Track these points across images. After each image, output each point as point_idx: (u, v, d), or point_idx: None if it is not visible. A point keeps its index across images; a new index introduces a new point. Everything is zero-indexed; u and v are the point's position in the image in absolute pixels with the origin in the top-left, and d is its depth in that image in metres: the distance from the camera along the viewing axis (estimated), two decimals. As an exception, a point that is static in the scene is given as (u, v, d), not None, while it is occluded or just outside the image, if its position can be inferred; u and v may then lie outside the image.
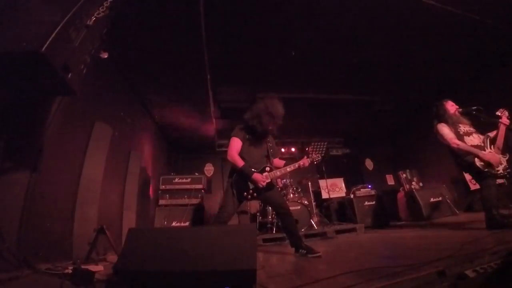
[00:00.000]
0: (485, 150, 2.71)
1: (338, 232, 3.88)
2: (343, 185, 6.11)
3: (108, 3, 1.68)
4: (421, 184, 5.06)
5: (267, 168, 2.59)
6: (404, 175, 5.34)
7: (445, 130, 2.87)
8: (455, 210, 4.51)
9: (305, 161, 2.72)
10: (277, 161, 2.83)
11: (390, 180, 6.69)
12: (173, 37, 3.31)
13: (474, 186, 4.63)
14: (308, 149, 2.75)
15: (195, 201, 4.43)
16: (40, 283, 1.63)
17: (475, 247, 1.68)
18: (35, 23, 1.40)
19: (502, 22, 3.64)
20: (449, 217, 4.31)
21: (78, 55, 1.62)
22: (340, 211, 5.37)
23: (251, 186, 2.49)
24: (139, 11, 2.82)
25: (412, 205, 4.53)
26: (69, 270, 1.81)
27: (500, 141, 2.75)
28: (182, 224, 4.07)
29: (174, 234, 1.59)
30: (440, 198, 4.54)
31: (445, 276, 1.25)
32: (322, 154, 2.80)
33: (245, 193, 2.48)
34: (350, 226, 4.10)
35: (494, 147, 2.76)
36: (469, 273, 1.17)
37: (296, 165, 2.70)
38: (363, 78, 4.84)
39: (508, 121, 2.75)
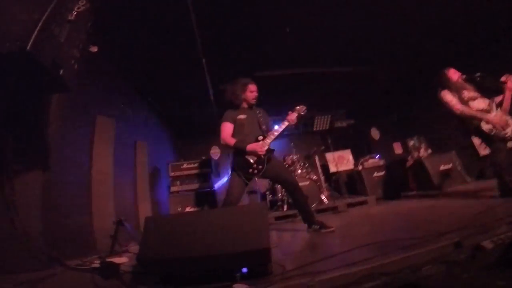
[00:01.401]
0: (491, 113, 2.69)
1: (350, 205, 3.91)
2: (351, 157, 6.07)
3: None
4: (429, 151, 4.96)
5: (260, 137, 2.55)
6: (412, 142, 5.23)
7: (448, 96, 2.85)
8: (467, 177, 4.36)
9: (291, 116, 2.63)
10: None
11: (398, 149, 6.60)
12: (164, 23, 3.18)
13: (483, 151, 4.46)
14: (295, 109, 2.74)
15: (204, 185, 4.50)
16: (74, 279, 1.70)
17: (489, 217, 1.67)
18: (14, 23, 1.37)
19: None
20: (462, 185, 4.15)
21: (66, 51, 1.61)
22: (350, 184, 5.38)
23: (252, 160, 2.46)
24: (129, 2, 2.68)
25: (421, 174, 4.39)
26: (97, 264, 1.88)
27: (507, 103, 2.71)
28: (196, 209, 4.17)
29: (188, 220, 1.62)
30: (451, 165, 4.33)
31: (462, 247, 1.25)
32: (304, 109, 2.75)
33: (250, 170, 2.44)
34: (361, 199, 4.11)
35: (501, 109, 2.72)
36: (486, 244, 1.17)
37: (286, 123, 2.62)
38: (363, 49, 4.64)
39: None
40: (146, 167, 4.42)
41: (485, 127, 2.66)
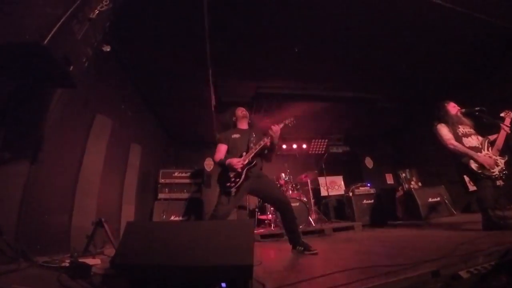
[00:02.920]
0: (481, 152, 2.74)
1: (336, 229, 3.91)
2: (342, 183, 6.13)
3: None
4: (420, 184, 5.06)
5: (244, 153, 2.63)
6: (404, 175, 5.35)
7: (443, 130, 2.90)
8: (453, 210, 4.52)
9: (275, 128, 2.63)
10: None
11: (390, 179, 6.69)
12: (174, 31, 3.27)
13: (472, 187, 4.54)
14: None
15: (194, 195, 4.45)
16: (37, 276, 1.62)
17: (470, 247, 1.70)
18: (37, 15, 1.38)
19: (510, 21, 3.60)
20: (447, 217, 4.31)
21: (80, 48, 1.61)
22: (339, 209, 5.39)
23: (231, 175, 2.53)
24: (141, 4, 2.78)
25: (410, 205, 4.52)
26: (66, 263, 1.81)
27: (500, 142, 2.76)
28: (181, 218, 4.09)
29: (172, 228, 1.59)
30: (439, 199, 4.53)
31: (439, 276, 1.27)
32: (292, 120, 2.86)
33: (228, 183, 2.51)
34: (347, 224, 4.13)
35: (492, 148, 2.78)
36: (463, 273, 1.18)
37: (265, 139, 2.64)
38: (365, 76, 4.81)
39: (509, 126, 2.77)
40: (137, 170, 4.37)
41: (473, 165, 2.71)
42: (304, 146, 7.66)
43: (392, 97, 5.61)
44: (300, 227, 3.89)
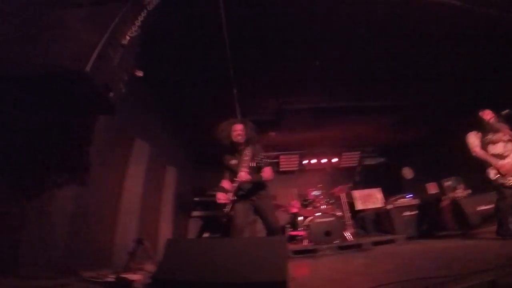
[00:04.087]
0: (504, 159, 2.76)
1: (375, 243, 3.64)
2: (380, 195, 5.78)
3: (139, 22, 1.76)
4: (469, 191, 4.57)
5: (234, 184, 2.61)
6: (448, 183, 4.90)
7: (470, 138, 3.04)
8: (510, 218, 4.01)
9: (242, 175, 2.55)
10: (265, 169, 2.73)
11: (433, 189, 6.13)
12: (199, 55, 3.50)
13: None
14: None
15: (225, 212, 4.49)
16: None
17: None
18: (75, 42, 1.43)
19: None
20: None
21: (118, 74, 1.67)
22: (378, 222, 5.06)
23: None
24: (168, 31, 3.00)
25: (457, 214, 4.09)
26: (110, 278, 1.91)
27: None
28: (214, 235, 4.14)
29: (209, 245, 1.65)
30: (491, 206, 4.07)
31: (497, 287, 1.14)
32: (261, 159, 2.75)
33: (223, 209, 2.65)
34: (388, 237, 3.84)
35: None
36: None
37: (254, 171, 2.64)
38: (396, 83, 4.63)
39: None
40: (172, 190, 4.59)
41: (491, 172, 2.78)
42: (335, 159, 7.44)
43: (427, 103, 5.29)
44: (335, 242, 3.72)
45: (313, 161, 7.39)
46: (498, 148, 2.85)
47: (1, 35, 1.53)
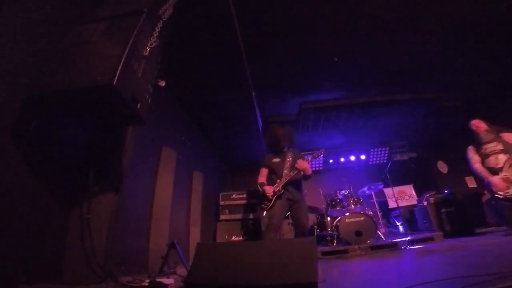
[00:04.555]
0: (498, 174, 2.73)
1: (411, 242, 3.45)
2: (413, 192, 5.48)
3: (157, 32, 1.82)
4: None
5: (278, 181, 2.89)
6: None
7: (469, 154, 3.04)
8: None
9: (301, 163, 2.86)
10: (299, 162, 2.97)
11: (472, 183, 5.66)
12: (216, 61, 3.57)
13: None
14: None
15: (252, 215, 4.53)
16: None
17: None
18: (102, 57, 1.49)
19: None
20: None
21: (142, 85, 1.73)
22: (413, 220, 4.80)
23: (265, 199, 2.87)
24: (185, 40, 3.11)
25: (500, 209, 3.72)
26: (146, 282, 1.97)
27: None
28: (241, 238, 4.18)
29: (238, 248, 1.67)
30: None
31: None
32: (321, 153, 3.10)
33: (262, 205, 2.88)
34: (425, 235, 3.61)
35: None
36: None
37: (293, 173, 2.87)
38: (421, 74, 4.39)
39: None
40: (200, 195, 4.72)
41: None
42: (363, 157, 7.19)
43: (456, 93, 4.95)
44: (368, 242, 3.58)
45: (341, 159, 7.21)
46: (491, 161, 2.85)
47: (32, 54, 1.66)
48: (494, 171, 2.78)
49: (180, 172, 4.00)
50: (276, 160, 3.06)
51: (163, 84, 2.26)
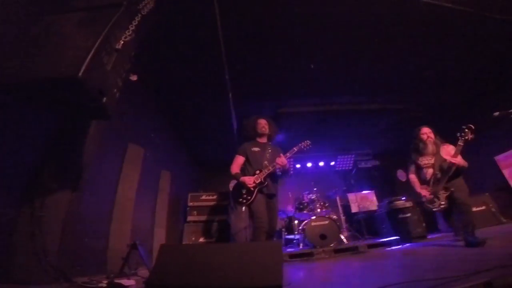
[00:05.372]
0: (427, 187, 2.83)
1: (371, 246, 3.65)
2: (374, 198, 5.82)
3: (133, 26, 1.75)
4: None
5: (257, 171, 2.73)
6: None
7: (408, 164, 3.11)
8: (502, 219, 4.20)
9: (280, 160, 2.75)
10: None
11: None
12: (195, 60, 3.51)
13: None
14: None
15: (221, 217, 4.47)
16: None
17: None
18: (70, 48, 1.43)
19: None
20: (495, 226, 4.02)
21: (111, 79, 1.65)
22: (373, 225, 5.08)
23: (243, 191, 2.67)
24: (164, 36, 3.02)
25: (450, 216, 4.13)
26: (103, 284, 1.89)
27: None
28: (209, 240, 4.10)
29: (203, 250, 1.63)
30: (484, 207, 4.26)
31: (492, 288, 1.15)
32: (307, 145, 2.99)
33: (240, 199, 2.65)
34: (383, 239, 3.86)
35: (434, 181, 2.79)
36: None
37: (272, 167, 2.76)
38: (389, 86, 4.70)
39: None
40: (167, 195, 4.54)
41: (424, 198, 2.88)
42: (332, 163, 7.49)
43: (419, 105, 5.38)
44: (331, 245, 3.72)
45: (308, 164, 7.42)
46: (422, 174, 2.93)
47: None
48: (425, 184, 2.90)
49: (147, 170, 3.81)
50: (256, 149, 2.92)
51: (135, 79, 2.15)
